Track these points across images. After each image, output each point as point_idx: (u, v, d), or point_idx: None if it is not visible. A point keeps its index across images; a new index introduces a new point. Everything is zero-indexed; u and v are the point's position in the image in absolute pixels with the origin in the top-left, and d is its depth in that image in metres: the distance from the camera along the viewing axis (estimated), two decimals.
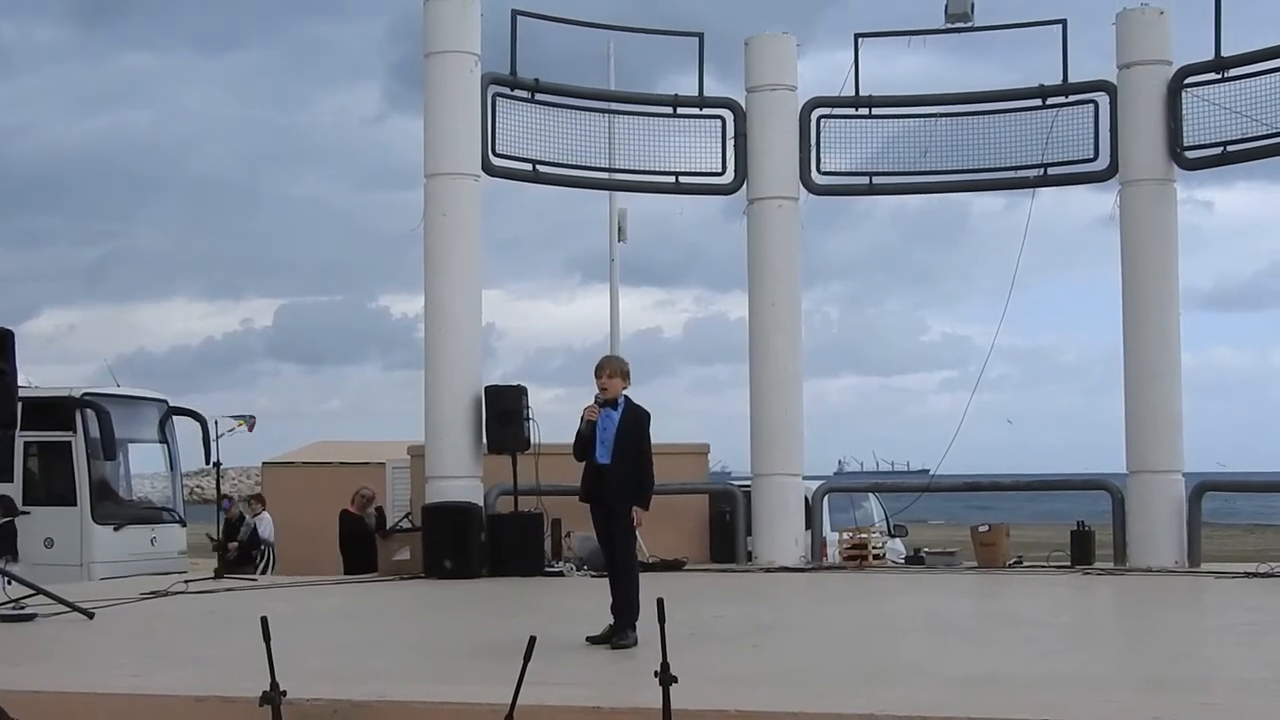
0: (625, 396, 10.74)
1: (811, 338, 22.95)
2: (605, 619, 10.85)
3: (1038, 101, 19.22)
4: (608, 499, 10.72)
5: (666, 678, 6.46)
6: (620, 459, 10.61)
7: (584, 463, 10.86)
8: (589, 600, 14.12)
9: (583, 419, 10.70)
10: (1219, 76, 17.96)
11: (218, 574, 17.08)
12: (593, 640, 10.44)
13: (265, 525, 21.38)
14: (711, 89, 19.62)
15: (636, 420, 10.72)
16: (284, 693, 7.04)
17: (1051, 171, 19.23)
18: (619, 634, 10.36)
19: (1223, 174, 19.17)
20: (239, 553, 20.67)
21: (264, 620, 6.85)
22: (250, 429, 20.16)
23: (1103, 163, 18.81)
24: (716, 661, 9.58)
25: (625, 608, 10.49)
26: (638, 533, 11.05)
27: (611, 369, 10.79)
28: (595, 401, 10.68)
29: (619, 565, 10.81)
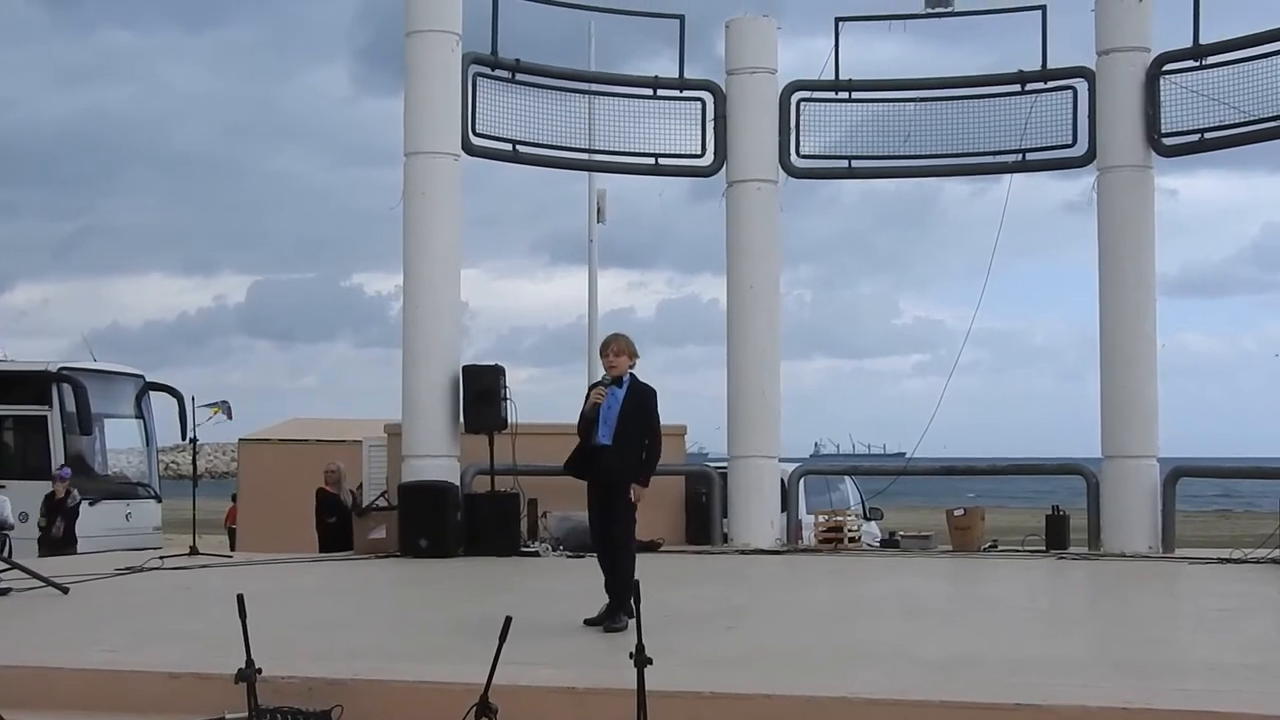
0: (631, 374, 10.52)
1: (784, 320, 23.03)
2: (581, 599, 10.85)
3: (1017, 87, 19.26)
4: (609, 478, 10.46)
5: (641, 659, 6.48)
6: (622, 440, 10.38)
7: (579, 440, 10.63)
8: (564, 580, 14.18)
9: (587, 400, 10.49)
10: (1197, 64, 18.00)
11: (192, 550, 17.04)
12: (589, 622, 10.26)
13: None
14: (692, 71, 19.63)
15: (643, 399, 10.48)
16: (259, 670, 7.06)
17: (1030, 157, 19.27)
18: (612, 617, 10.15)
19: (1187, 162, 19.20)
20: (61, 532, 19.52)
21: (240, 598, 6.87)
22: (229, 416, 20.01)
23: (1081, 148, 18.86)
24: (691, 643, 9.59)
25: (620, 589, 10.15)
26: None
27: (618, 346, 10.51)
28: (602, 382, 10.50)
29: (617, 545, 10.53)
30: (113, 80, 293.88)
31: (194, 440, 18.84)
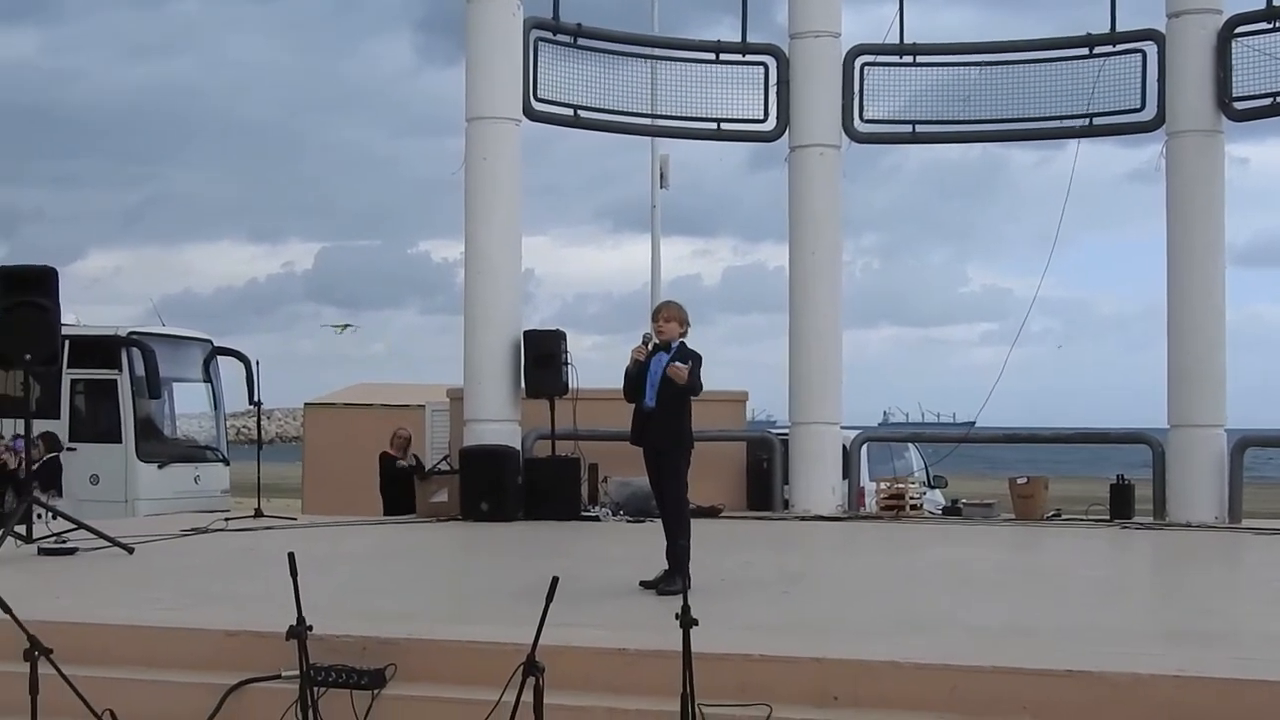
0: (681, 342, 10.57)
1: (850, 288, 22.98)
2: (638, 563, 10.89)
3: (1084, 51, 19.02)
4: (654, 444, 10.60)
5: (687, 620, 6.48)
6: (667, 403, 10.47)
7: (634, 405, 10.70)
8: (622, 544, 14.24)
9: (630, 358, 10.59)
10: (1270, 26, 17.70)
11: (257, 512, 17.17)
12: (645, 585, 10.29)
13: None
14: (754, 35, 19.53)
15: (688, 363, 10.48)
16: (310, 627, 7.14)
17: (1097, 122, 19.03)
18: (666, 580, 10.11)
19: (1258, 130, 18.87)
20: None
21: (291, 556, 6.93)
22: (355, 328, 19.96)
23: (1149, 113, 18.61)
24: (745, 607, 9.62)
25: (673, 553, 10.22)
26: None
27: (669, 313, 10.62)
28: (644, 342, 10.57)
29: (667, 511, 10.66)
30: (179, 51, 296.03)
31: (259, 404, 18.99)
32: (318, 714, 7.29)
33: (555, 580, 6.45)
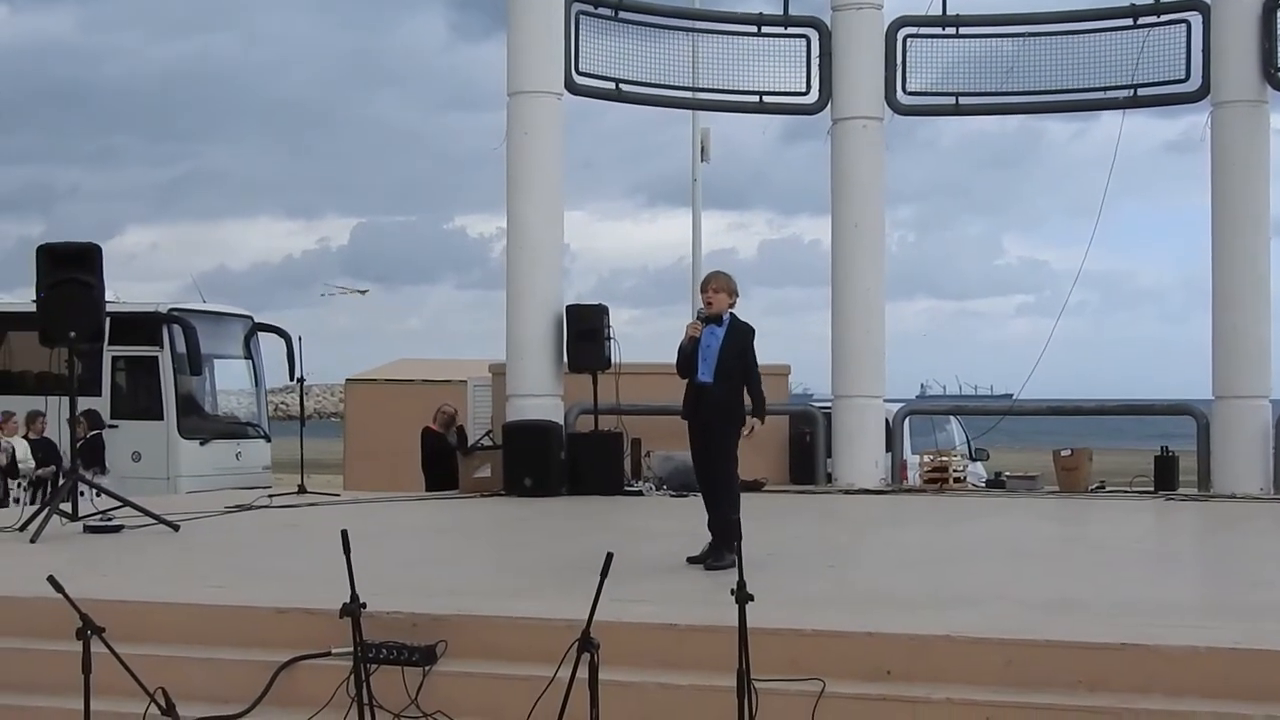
0: (731, 313, 10.46)
1: (887, 260, 22.78)
2: (683, 538, 10.85)
3: (1128, 21, 18.83)
4: (707, 418, 10.48)
5: (742, 596, 6.46)
6: (722, 378, 10.37)
7: (686, 380, 10.61)
8: (667, 519, 14.22)
9: (686, 334, 10.46)
10: None
11: (300, 489, 17.20)
12: (692, 560, 10.26)
13: None
14: (796, 8, 19.41)
15: (741, 337, 10.43)
16: (364, 605, 7.12)
17: (1141, 92, 18.87)
18: (715, 555, 10.12)
19: None
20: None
21: (344, 534, 6.92)
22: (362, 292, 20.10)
23: (1194, 84, 18.43)
24: (793, 582, 9.57)
25: (723, 529, 10.18)
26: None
27: (718, 283, 10.45)
28: (698, 317, 10.50)
29: (718, 486, 10.51)
30: (215, 28, 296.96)
31: (301, 380, 19.02)
32: (370, 691, 7.29)
33: (610, 556, 6.42)
